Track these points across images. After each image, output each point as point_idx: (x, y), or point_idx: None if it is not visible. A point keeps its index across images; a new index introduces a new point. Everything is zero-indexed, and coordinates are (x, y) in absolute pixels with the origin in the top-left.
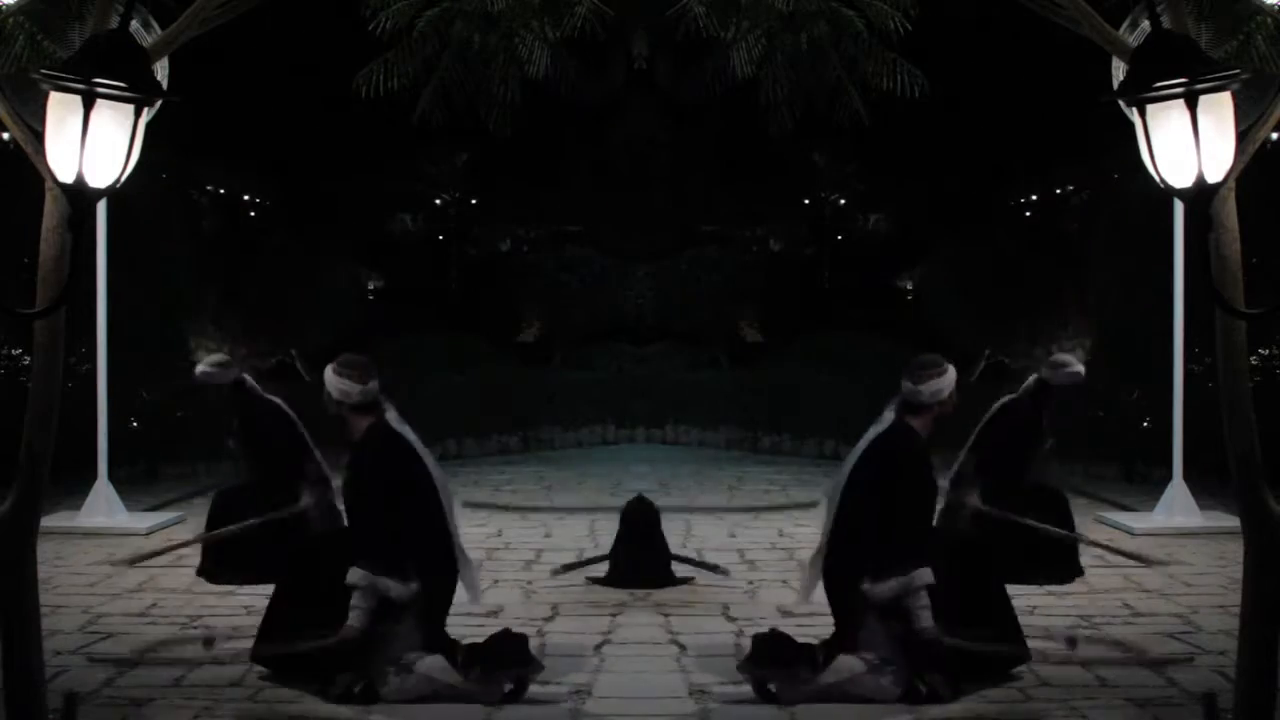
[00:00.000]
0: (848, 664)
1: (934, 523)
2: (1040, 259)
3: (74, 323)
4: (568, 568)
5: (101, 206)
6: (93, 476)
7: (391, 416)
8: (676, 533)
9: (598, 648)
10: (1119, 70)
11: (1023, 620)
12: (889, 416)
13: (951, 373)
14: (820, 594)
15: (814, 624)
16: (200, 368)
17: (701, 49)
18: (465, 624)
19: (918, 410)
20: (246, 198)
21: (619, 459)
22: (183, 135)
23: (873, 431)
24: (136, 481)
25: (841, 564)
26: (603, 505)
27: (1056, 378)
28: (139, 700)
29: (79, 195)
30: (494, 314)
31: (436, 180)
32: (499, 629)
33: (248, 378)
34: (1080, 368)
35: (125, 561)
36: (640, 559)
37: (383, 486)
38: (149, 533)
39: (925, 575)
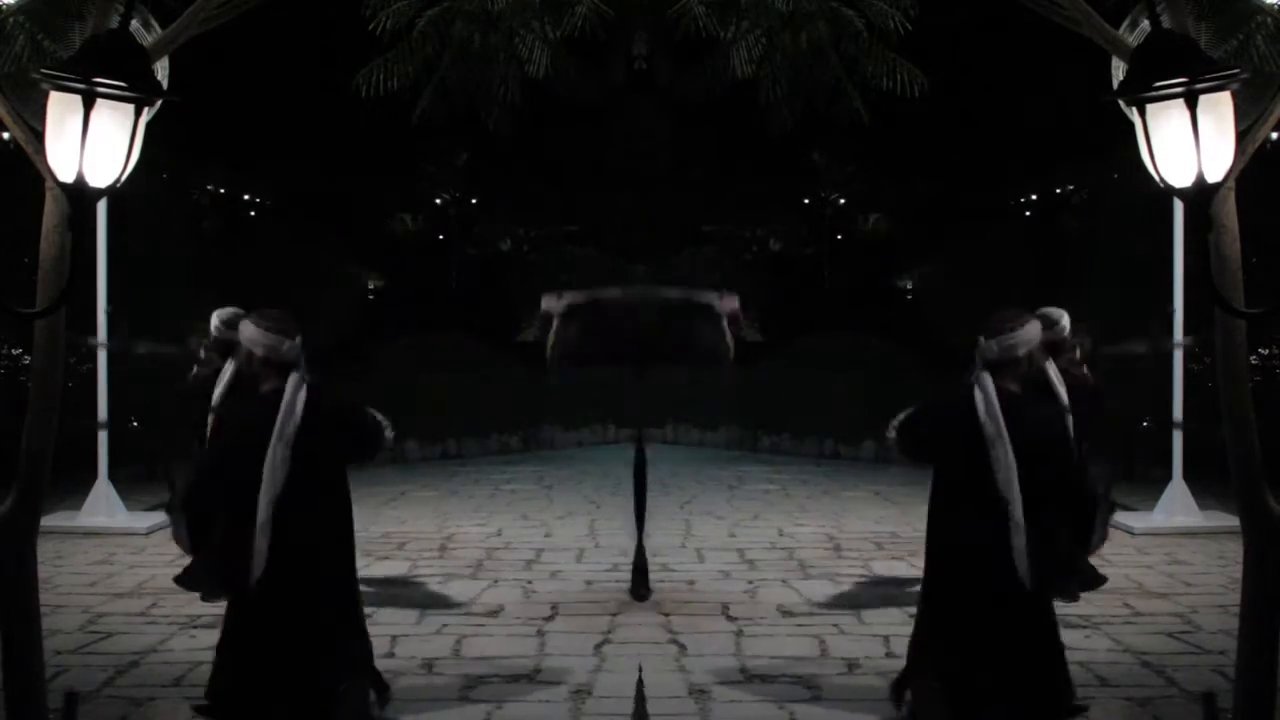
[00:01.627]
0: None
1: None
2: (1041, 258)
3: (74, 323)
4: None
5: (101, 206)
6: (93, 476)
7: (293, 381)
8: (676, 532)
9: (598, 648)
10: (1119, 70)
11: None
12: (985, 381)
13: (1031, 326)
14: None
15: (813, 624)
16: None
17: (701, 49)
18: (465, 624)
19: (1000, 368)
20: (246, 198)
21: (619, 459)
22: (183, 135)
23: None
24: (136, 481)
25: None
26: (603, 504)
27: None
28: (139, 700)
29: (79, 195)
30: (494, 314)
31: (436, 180)
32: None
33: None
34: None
35: None
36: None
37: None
38: (149, 532)
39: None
